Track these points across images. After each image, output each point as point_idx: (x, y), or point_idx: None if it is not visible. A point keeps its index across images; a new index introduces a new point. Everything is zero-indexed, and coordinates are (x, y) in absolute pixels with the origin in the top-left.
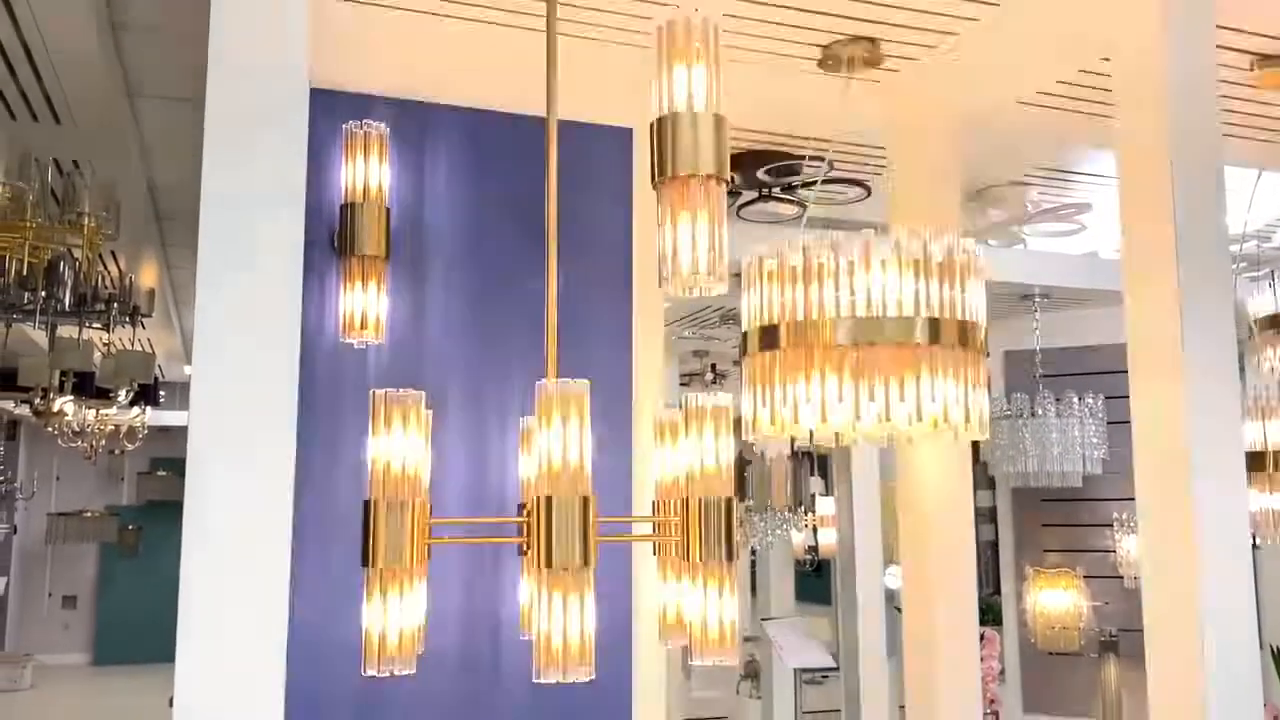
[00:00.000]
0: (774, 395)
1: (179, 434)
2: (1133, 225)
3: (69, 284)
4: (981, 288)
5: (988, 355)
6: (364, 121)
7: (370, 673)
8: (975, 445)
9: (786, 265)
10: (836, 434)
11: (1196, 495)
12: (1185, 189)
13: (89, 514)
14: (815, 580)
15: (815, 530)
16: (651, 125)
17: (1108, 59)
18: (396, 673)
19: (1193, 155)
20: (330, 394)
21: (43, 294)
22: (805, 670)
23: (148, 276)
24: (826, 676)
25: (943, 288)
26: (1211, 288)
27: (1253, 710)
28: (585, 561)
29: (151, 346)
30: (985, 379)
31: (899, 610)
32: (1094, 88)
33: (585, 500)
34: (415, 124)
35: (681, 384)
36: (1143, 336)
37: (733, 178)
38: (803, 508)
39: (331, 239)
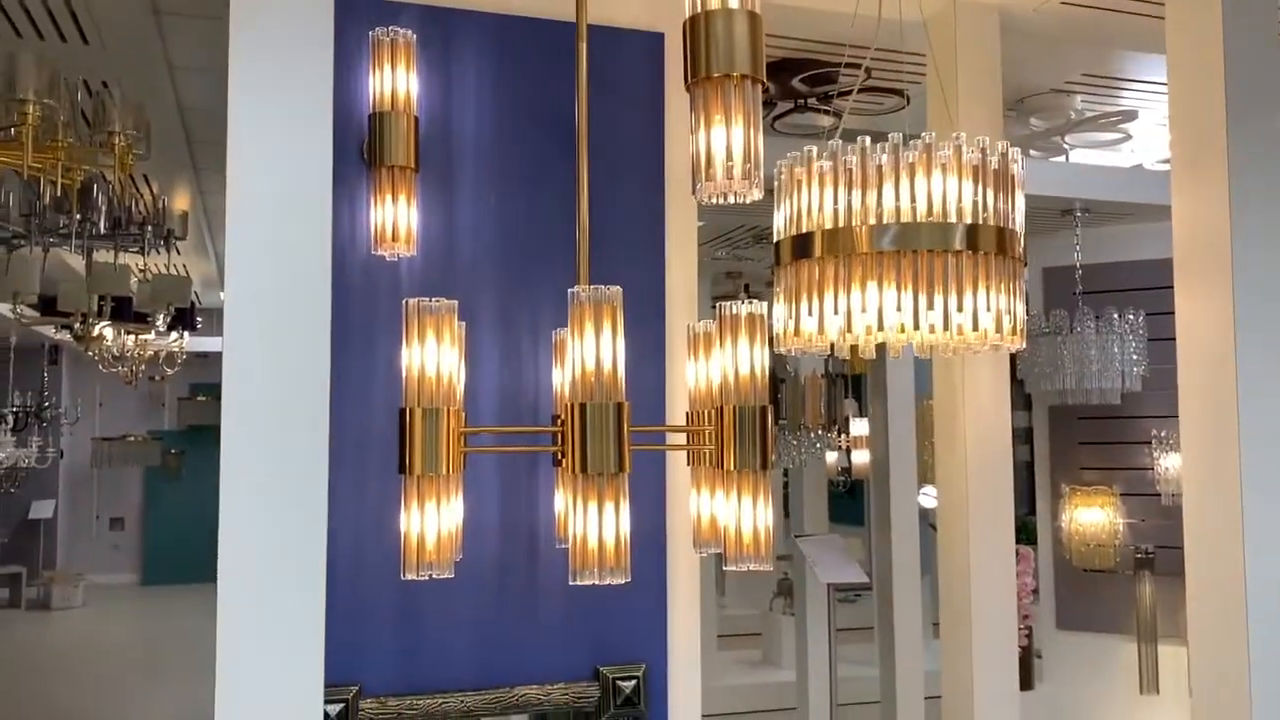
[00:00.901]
0: (807, 306)
1: (217, 360)
2: (1182, 127)
3: (103, 208)
4: (1021, 195)
5: (1025, 264)
6: (390, 28)
7: (409, 577)
8: (1012, 363)
9: (841, 167)
10: (854, 346)
11: (1242, 407)
12: (1238, 89)
13: (132, 438)
14: (849, 501)
15: (849, 451)
16: (684, 24)
17: None
18: (435, 577)
19: (1247, 53)
20: (363, 307)
21: (78, 217)
22: (839, 588)
23: (181, 201)
24: (859, 595)
25: (981, 193)
26: (1264, 193)
27: None
28: (620, 467)
29: (187, 272)
30: (1023, 288)
31: (934, 529)
32: None
33: (619, 406)
34: (442, 30)
35: (713, 306)
36: (1190, 242)
37: (768, 86)
38: (836, 428)
39: (360, 150)
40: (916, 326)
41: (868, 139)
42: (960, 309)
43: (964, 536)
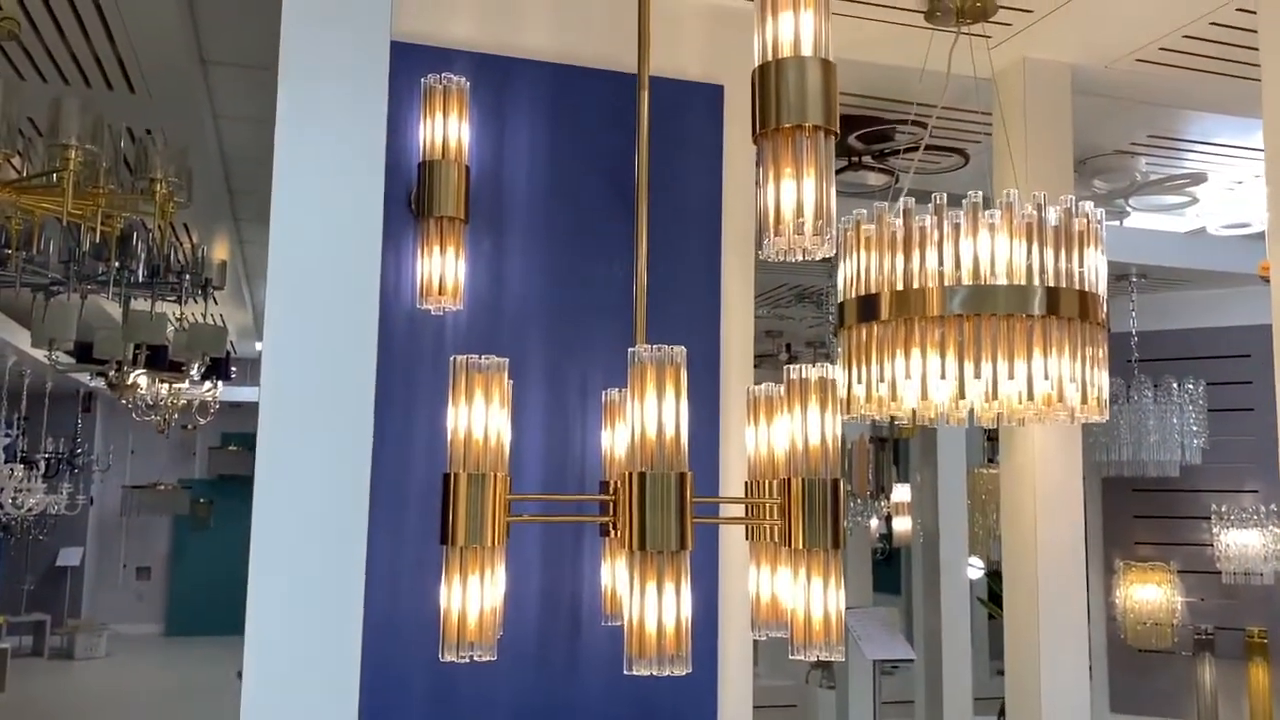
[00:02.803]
0: (872, 371)
1: (250, 409)
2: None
3: (142, 255)
4: (1102, 256)
5: (1109, 331)
6: (443, 75)
7: (449, 658)
8: None
9: (887, 230)
10: (940, 413)
11: None
12: None
13: (163, 487)
14: (885, 569)
15: (889, 518)
16: (754, 73)
17: (1247, 9)
18: (476, 658)
19: None
20: (407, 362)
21: (116, 265)
22: (881, 661)
23: (220, 250)
24: (897, 666)
25: (1060, 255)
26: None
27: None
28: (682, 544)
29: (223, 321)
30: (1105, 356)
31: (981, 601)
32: (1223, 43)
33: (682, 478)
34: (496, 79)
35: (754, 365)
36: None
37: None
38: (884, 494)
39: (408, 199)
40: (997, 395)
41: (943, 195)
42: (1011, 376)
43: (1034, 615)
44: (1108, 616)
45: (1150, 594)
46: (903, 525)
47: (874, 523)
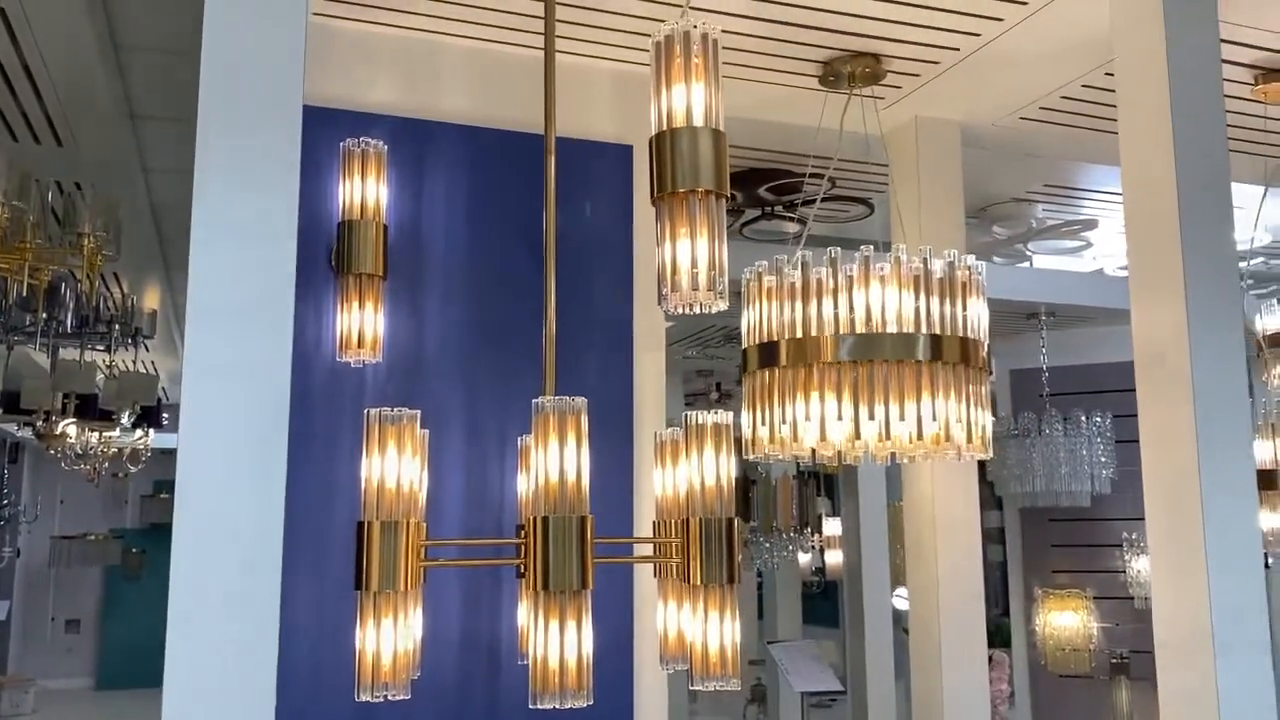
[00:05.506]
0: (773, 414)
1: None
2: (1139, 242)
3: (70, 306)
4: (984, 304)
5: (991, 373)
6: (362, 139)
7: (364, 698)
8: (982, 465)
9: (785, 281)
10: (839, 452)
11: (1208, 515)
12: (1191, 205)
13: (93, 537)
14: (822, 602)
15: (822, 551)
16: (650, 141)
17: (1111, 74)
18: (391, 698)
19: (1199, 171)
20: (327, 413)
21: (44, 316)
22: (813, 694)
23: (150, 299)
24: (834, 700)
25: (944, 304)
26: (1220, 305)
27: None
28: (583, 584)
29: (155, 369)
30: (988, 397)
31: (907, 632)
32: (1097, 103)
33: (583, 521)
34: (414, 141)
35: (686, 404)
36: (1150, 355)
37: (735, 195)
38: (809, 529)
39: (329, 257)
40: (889, 435)
41: (838, 249)
42: (903, 417)
43: (936, 641)
44: (1029, 643)
45: (1068, 620)
46: (835, 558)
47: (803, 556)
